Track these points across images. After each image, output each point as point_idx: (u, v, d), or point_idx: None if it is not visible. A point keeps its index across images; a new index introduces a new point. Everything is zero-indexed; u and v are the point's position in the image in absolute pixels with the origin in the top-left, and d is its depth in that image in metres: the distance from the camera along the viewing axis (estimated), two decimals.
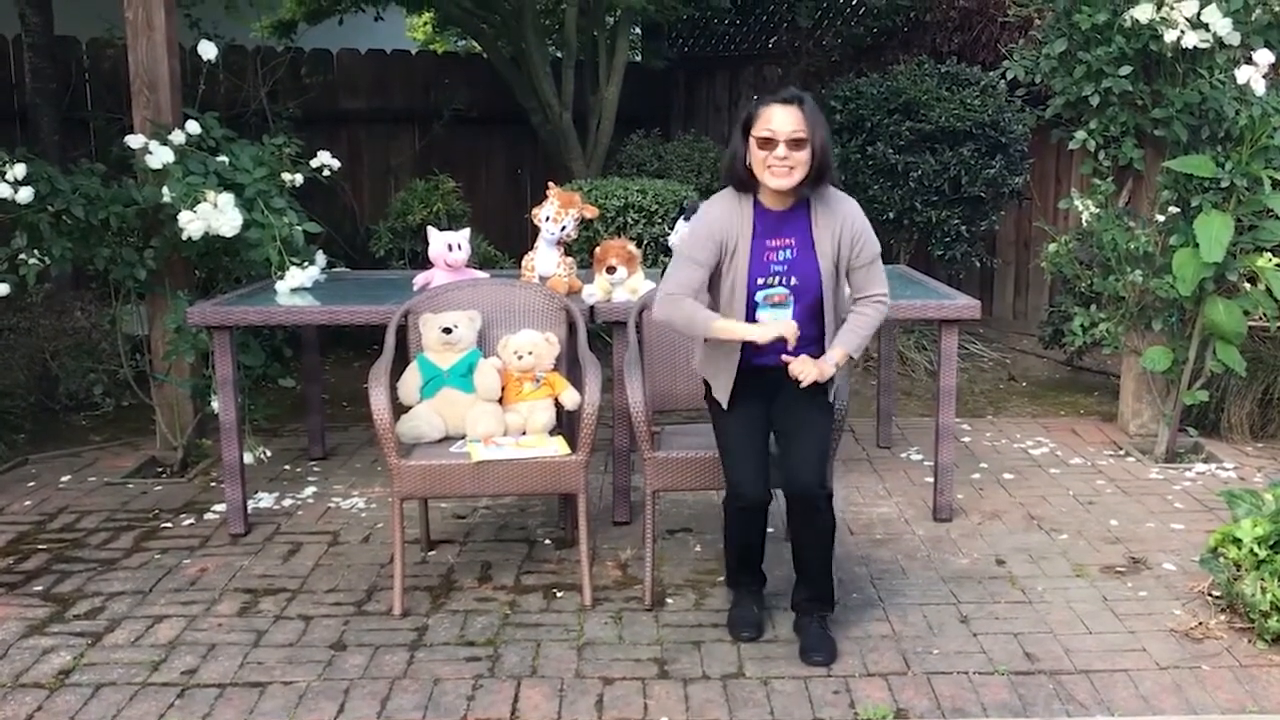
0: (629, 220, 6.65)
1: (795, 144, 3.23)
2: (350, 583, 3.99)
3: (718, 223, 3.37)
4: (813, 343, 3.42)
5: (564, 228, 4.39)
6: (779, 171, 3.25)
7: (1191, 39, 4.76)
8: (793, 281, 3.34)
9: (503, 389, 4.02)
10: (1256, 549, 3.55)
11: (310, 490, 4.96)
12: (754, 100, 3.33)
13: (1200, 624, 3.60)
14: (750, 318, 3.37)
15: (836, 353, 3.41)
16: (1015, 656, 3.42)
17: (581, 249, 6.06)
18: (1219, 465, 5.20)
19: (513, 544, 4.34)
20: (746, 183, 3.35)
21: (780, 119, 3.22)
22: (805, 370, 3.32)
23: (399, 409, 3.89)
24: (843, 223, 3.37)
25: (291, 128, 6.61)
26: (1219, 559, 3.69)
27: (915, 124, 7.01)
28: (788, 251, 3.35)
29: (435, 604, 3.81)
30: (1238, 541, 3.63)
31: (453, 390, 3.98)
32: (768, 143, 3.23)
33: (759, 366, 3.43)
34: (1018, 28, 7.07)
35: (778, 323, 3.30)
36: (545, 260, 4.42)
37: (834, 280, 3.39)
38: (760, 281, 3.34)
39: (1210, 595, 3.78)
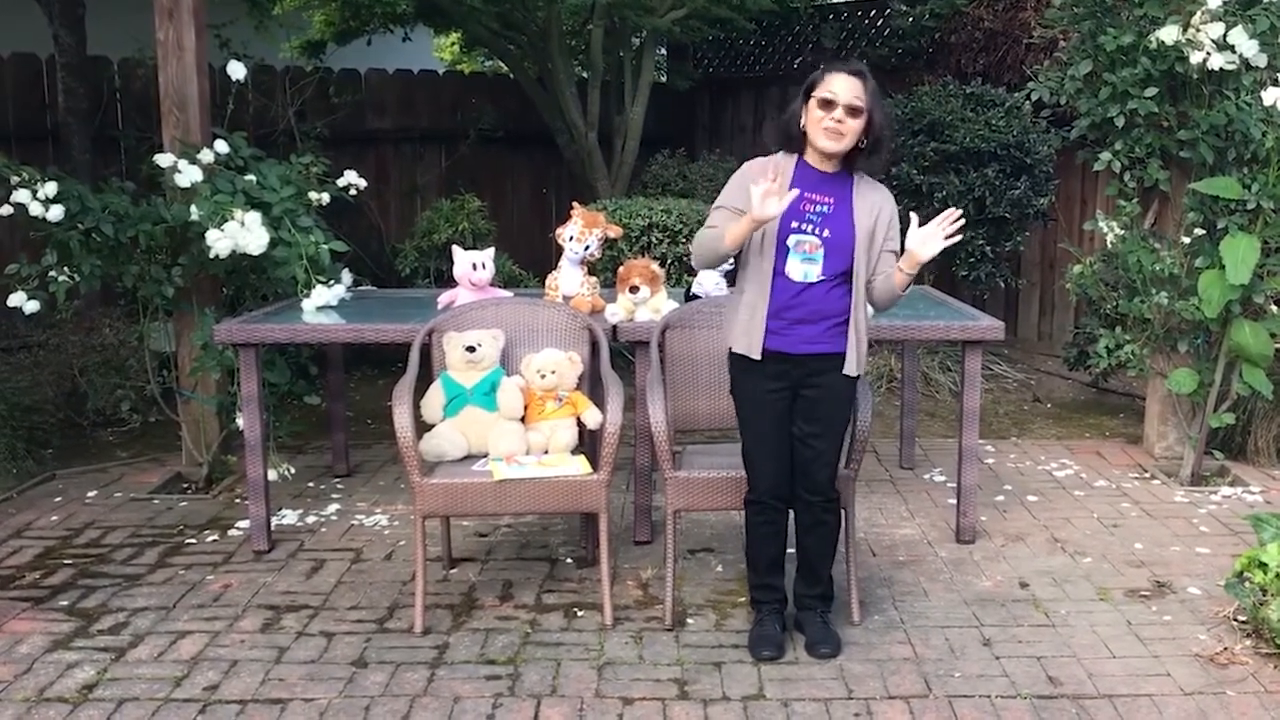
0: (653, 240, 6.68)
1: (852, 111, 3.32)
2: (372, 600, 4.00)
3: (758, 170, 3.43)
4: (839, 320, 3.43)
5: (588, 247, 4.41)
6: (831, 134, 3.33)
7: (1218, 60, 4.75)
8: (825, 234, 3.38)
9: (525, 408, 4.04)
10: None
11: (333, 507, 4.98)
12: (821, 67, 3.41)
13: (1225, 649, 3.57)
14: (781, 265, 3.39)
15: (903, 274, 3.40)
16: (1038, 680, 3.40)
17: (605, 268, 6.09)
18: (1245, 489, 5.15)
19: (534, 563, 4.34)
20: (797, 141, 3.44)
21: (843, 85, 3.31)
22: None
23: (422, 427, 3.91)
24: (882, 204, 3.47)
25: (319, 147, 6.67)
26: (1244, 583, 3.66)
27: (940, 145, 7.01)
28: (825, 207, 3.40)
29: (456, 622, 3.82)
30: (1264, 566, 3.60)
31: (476, 409, 4.00)
32: (828, 104, 3.32)
33: (784, 354, 3.43)
34: (1043, 49, 7.06)
35: (765, 189, 3.24)
36: (569, 279, 4.44)
37: (865, 251, 3.41)
38: (795, 225, 3.37)
39: (1235, 620, 3.74)
